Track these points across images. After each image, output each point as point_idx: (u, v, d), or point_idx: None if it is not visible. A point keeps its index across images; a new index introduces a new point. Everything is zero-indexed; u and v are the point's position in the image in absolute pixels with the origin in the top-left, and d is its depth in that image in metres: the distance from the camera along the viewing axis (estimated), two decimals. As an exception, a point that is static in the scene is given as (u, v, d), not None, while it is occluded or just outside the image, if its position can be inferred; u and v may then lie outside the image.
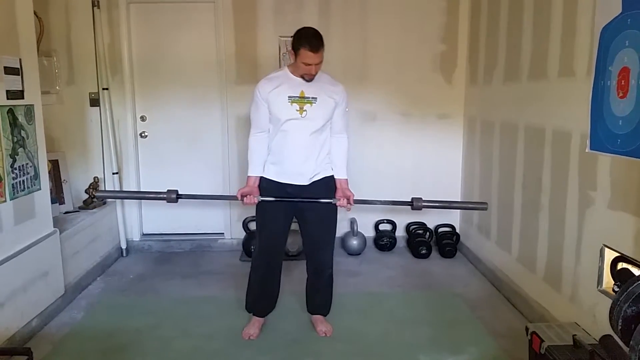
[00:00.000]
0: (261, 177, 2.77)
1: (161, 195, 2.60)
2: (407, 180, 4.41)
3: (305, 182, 2.72)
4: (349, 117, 4.32)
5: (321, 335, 2.89)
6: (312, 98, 2.65)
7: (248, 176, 2.77)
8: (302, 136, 2.66)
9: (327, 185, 2.79)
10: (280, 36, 4.21)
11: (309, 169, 2.71)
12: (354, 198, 2.74)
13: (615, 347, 1.82)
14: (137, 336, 2.89)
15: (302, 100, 2.64)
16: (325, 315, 3.01)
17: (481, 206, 2.75)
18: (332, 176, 2.81)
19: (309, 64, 2.55)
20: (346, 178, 2.82)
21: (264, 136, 2.74)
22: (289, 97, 2.63)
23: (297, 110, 2.63)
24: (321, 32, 3.61)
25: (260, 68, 4.27)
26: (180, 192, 2.62)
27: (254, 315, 2.97)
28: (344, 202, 2.70)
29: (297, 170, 2.70)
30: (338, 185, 2.80)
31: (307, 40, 2.52)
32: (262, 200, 2.70)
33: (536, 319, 2.93)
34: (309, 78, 2.63)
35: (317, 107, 2.65)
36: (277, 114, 2.65)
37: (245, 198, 2.68)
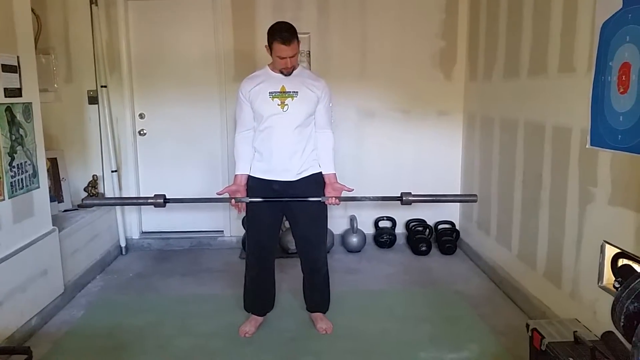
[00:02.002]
0: (248, 176, 2.78)
1: (149, 201, 2.52)
2: (407, 177, 4.40)
3: (292, 178, 2.71)
4: (348, 113, 4.35)
5: (321, 332, 2.89)
6: (294, 92, 2.66)
7: (235, 175, 2.79)
8: (286, 131, 2.67)
9: (315, 182, 2.77)
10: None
11: (295, 165, 2.71)
12: (343, 195, 2.72)
13: (617, 344, 1.81)
14: (137, 334, 2.89)
15: (283, 95, 2.65)
16: (324, 313, 3.01)
17: (471, 198, 2.71)
18: (320, 173, 2.79)
19: (283, 57, 2.58)
20: (334, 172, 2.79)
21: (249, 134, 2.77)
22: (270, 92, 2.65)
23: (278, 105, 2.65)
24: (320, 29, 3.59)
25: (259, 65, 4.18)
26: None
27: (252, 314, 2.97)
28: (332, 199, 2.67)
29: (284, 166, 2.70)
30: (327, 181, 2.78)
31: (279, 34, 2.55)
32: (251, 202, 2.69)
33: (537, 315, 2.93)
34: (286, 72, 2.65)
35: (299, 101, 2.66)
36: (259, 111, 2.67)
37: (232, 200, 2.66)
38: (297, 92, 2.66)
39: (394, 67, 4.34)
